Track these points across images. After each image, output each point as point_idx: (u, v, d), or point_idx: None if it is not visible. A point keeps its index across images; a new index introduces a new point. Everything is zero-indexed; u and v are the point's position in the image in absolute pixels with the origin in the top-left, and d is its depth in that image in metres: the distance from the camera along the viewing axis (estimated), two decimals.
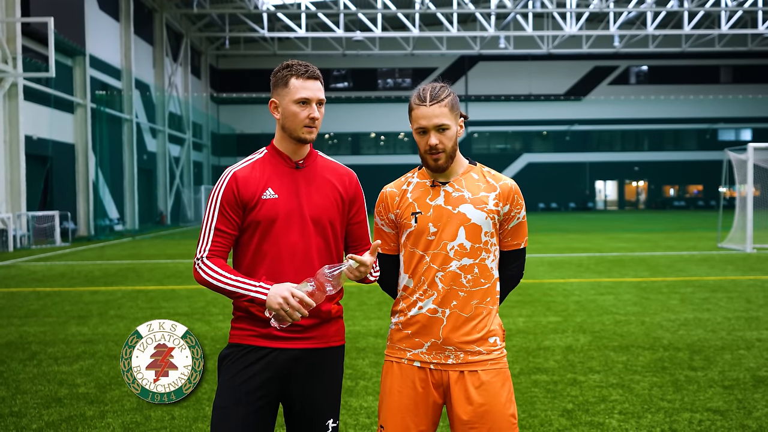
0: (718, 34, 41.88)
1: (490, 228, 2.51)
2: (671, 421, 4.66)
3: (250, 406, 2.47)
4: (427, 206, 2.52)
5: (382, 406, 2.56)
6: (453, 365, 2.48)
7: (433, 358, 2.49)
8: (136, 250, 19.22)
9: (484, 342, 2.49)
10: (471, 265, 2.48)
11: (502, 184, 2.56)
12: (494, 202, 2.52)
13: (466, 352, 2.47)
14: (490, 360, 2.49)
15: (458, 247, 2.47)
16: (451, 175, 2.56)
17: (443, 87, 2.51)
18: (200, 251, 2.52)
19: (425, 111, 2.47)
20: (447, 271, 2.47)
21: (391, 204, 2.60)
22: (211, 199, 2.56)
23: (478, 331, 2.49)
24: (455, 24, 37.81)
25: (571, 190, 50.56)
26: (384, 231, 2.65)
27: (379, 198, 2.66)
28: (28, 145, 21.87)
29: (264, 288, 2.42)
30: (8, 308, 9.40)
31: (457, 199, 2.51)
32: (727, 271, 12.96)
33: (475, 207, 2.50)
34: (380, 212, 2.64)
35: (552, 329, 7.59)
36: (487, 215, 2.50)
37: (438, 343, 2.48)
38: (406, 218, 2.54)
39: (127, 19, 30.55)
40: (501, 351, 2.53)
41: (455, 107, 2.51)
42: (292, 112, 2.54)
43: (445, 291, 2.47)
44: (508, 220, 2.56)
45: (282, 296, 2.36)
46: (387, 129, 50.02)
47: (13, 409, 5.01)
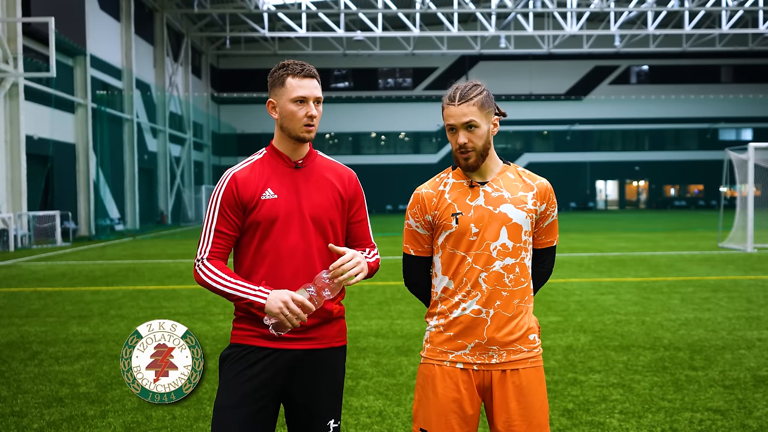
0: (719, 34, 41.85)
1: (529, 227, 2.53)
2: (672, 420, 4.66)
3: (252, 406, 2.47)
4: (468, 207, 2.51)
5: (422, 409, 2.53)
6: (497, 365, 2.49)
7: (477, 359, 2.49)
8: (137, 250, 19.23)
9: (525, 340, 2.52)
10: (513, 264, 2.49)
11: (539, 183, 2.59)
12: (533, 202, 2.54)
13: (509, 350, 2.49)
14: (530, 358, 2.52)
15: (501, 247, 2.48)
16: (488, 174, 2.56)
17: (475, 86, 2.51)
18: (200, 253, 2.53)
19: (453, 110, 2.48)
20: (491, 271, 2.47)
21: (429, 205, 2.56)
22: (211, 201, 2.57)
23: (520, 329, 2.51)
24: (456, 24, 37.81)
25: (572, 190, 50.56)
26: (418, 233, 2.61)
27: (413, 199, 2.62)
28: (29, 145, 21.88)
29: (263, 292, 2.42)
30: (9, 308, 9.41)
31: (497, 199, 2.51)
32: (728, 270, 12.96)
33: (516, 207, 2.51)
34: (415, 214, 2.59)
35: (552, 329, 7.59)
36: (527, 215, 2.51)
37: (482, 344, 2.48)
38: (445, 219, 2.52)
39: (128, 19, 30.56)
40: (539, 348, 2.56)
41: (486, 105, 2.50)
42: (290, 111, 2.54)
43: (489, 291, 2.47)
44: (543, 219, 2.58)
45: (282, 300, 2.37)
46: (387, 129, 50.02)
47: (15, 408, 5.01)
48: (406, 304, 9.25)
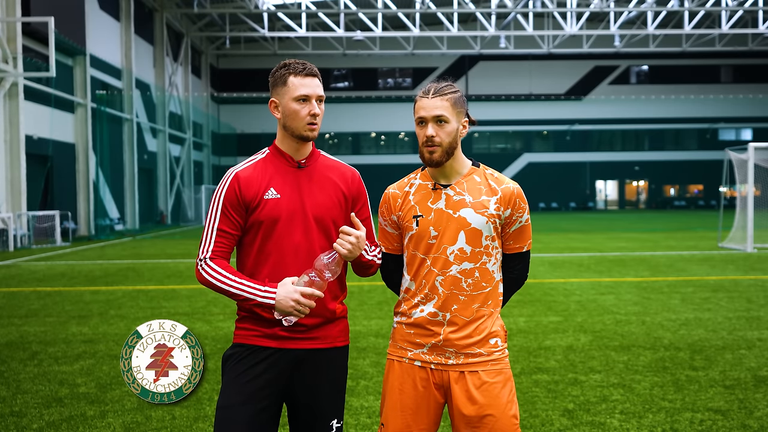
0: (719, 34, 41.85)
1: (491, 232, 2.50)
2: (672, 421, 4.66)
3: (255, 405, 2.47)
4: (429, 209, 2.51)
5: (383, 404, 2.56)
6: (453, 366, 2.48)
7: (434, 359, 2.49)
8: (137, 250, 19.22)
9: (484, 343, 2.49)
10: (471, 269, 2.47)
11: (504, 187, 2.54)
12: (495, 207, 2.50)
13: (466, 354, 2.47)
14: (490, 360, 2.49)
15: (458, 252, 2.47)
16: (452, 177, 2.55)
17: (449, 84, 2.52)
18: (203, 252, 2.52)
19: (426, 102, 2.48)
20: (447, 275, 2.47)
21: (394, 205, 2.60)
22: (213, 200, 2.56)
23: (479, 333, 2.48)
24: (455, 24, 37.81)
25: (572, 190, 50.55)
26: (387, 231, 2.66)
27: (382, 198, 2.66)
28: (29, 145, 21.86)
29: (270, 292, 2.42)
30: (9, 308, 9.40)
31: (457, 202, 2.50)
32: (728, 270, 12.95)
33: (476, 211, 2.48)
34: (383, 213, 2.64)
35: (553, 329, 7.59)
36: (487, 219, 2.48)
37: (438, 345, 2.48)
38: (407, 221, 2.54)
39: (128, 19, 30.55)
40: (502, 351, 2.52)
41: (458, 104, 2.51)
42: (293, 110, 2.53)
43: (445, 295, 2.47)
44: (509, 224, 2.54)
45: (293, 299, 2.39)
46: (387, 129, 50.02)
47: (14, 408, 5.01)
48: None
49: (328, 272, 2.44)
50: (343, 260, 2.50)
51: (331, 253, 2.47)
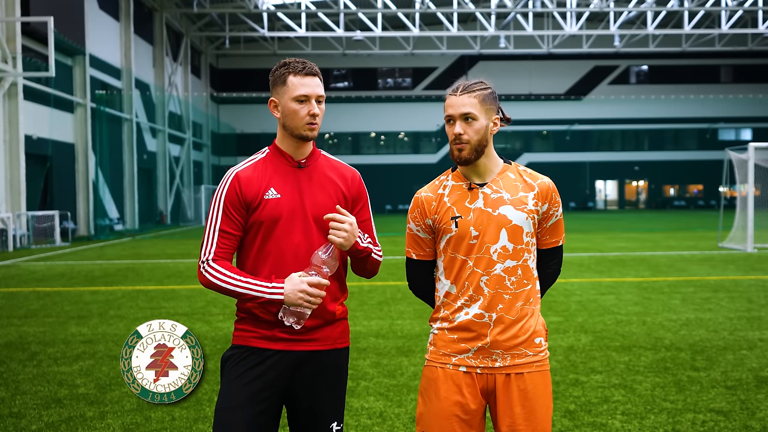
0: (719, 34, 41.86)
1: (530, 228, 2.48)
2: (674, 422, 4.64)
3: (254, 407, 2.45)
4: (467, 210, 2.47)
5: (425, 412, 2.50)
6: (500, 368, 2.45)
7: (480, 362, 2.45)
8: (136, 250, 19.20)
9: (530, 344, 2.47)
10: (515, 267, 2.45)
11: (540, 182, 2.52)
12: (533, 202, 2.48)
13: (513, 354, 2.45)
14: (536, 362, 2.47)
15: (501, 250, 2.44)
16: (487, 175, 2.52)
17: (479, 82, 2.50)
18: (205, 254, 2.49)
19: (454, 100, 2.46)
20: (492, 274, 2.44)
21: (428, 209, 2.53)
22: (214, 201, 2.54)
23: (525, 332, 2.46)
24: (455, 23, 37.80)
25: (572, 190, 50.56)
26: (419, 237, 2.58)
27: (413, 203, 2.60)
28: (28, 145, 21.85)
29: (278, 288, 2.40)
30: (8, 308, 9.38)
31: (496, 200, 2.47)
32: (729, 270, 12.94)
33: (515, 208, 2.46)
34: (416, 218, 2.57)
35: (553, 329, 7.57)
36: (527, 216, 2.46)
37: (485, 348, 2.44)
38: (445, 223, 2.49)
39: (127, 19, 30.53)
40: (545, 352, 2.51)
41: (487, 101, 2.48)
42: (292, 110, 2.51)
43: (491, 295, 2.44)
44: (546, 219, 2.52)
45: (300, 290, 2.38)
46: (387, 128, 50.02)
47: (13, 409, 4.99)
48: (407, 304, 9.22)
49: (326, 267, 2.43)
50: (340, 252, 2.47)
51: (326, 246, 2.45)
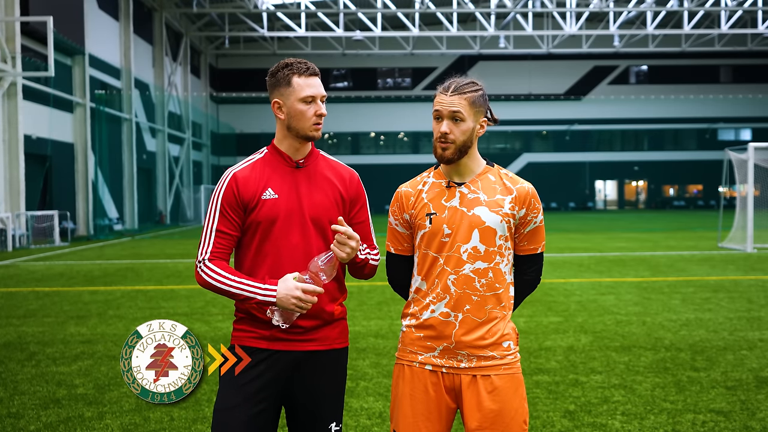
0: (718, 34, 41.86)
1: (504, 232, 2.46)
2: (674, 422, 4.63)
3: (253, 408, 2.44)
4: (442, 207, 2.47)
5: (394, 410, 2.51)
6: (465, 369, 2.43)
7: (446, 362, 2.45)
8: (136, 250, 19.19)
9: (497, 346, 2.45)
10: (485, 269, 2.43)
11: (519, 187, 2.51)
12: (510, 206, 2.47)
13: (479, 356, 2.43)
14: (503, 365, 2.45)
15: (472, 250, 2.42)
16: (467, 175, 2.51)
17: (472, 83, 2.48)
18: (202, 253, 2.50)
19: (444, 98, 2.45)
20: (460, 274, 2.43)
21: (406, 204, 2.54)
22: (211, 201, 2.54)
23: (492, 335, 2.44)
24: (455, 23, 37.78)
25: (571, 190, 50.56)
26: (398, 231, 2.59)
27: (393, 197, 2.61)
28: (28, 145, 21.83)
29: (271, 290, 2.40)
30: (7, 308, 9.36)
31: (472, 200, 2.46)
32: (728, 271, 12.93)
33: (491, 210, 2.45)
34: (394, 212, 2.59)
35: (553, 329, 7.56)
36: (502, 218, 2.45)
37: (450, 347, 2.43)
38: (420, 219, 2.49)
39: (127, 19, 30.52)
40: (514, 356, 2.48)
41: (477, 104, 2.46)
42: (300, 111, 2.51)
43: (458, 294, 2.43)
44: (524, 224, 2.51)
45: (294, 296, 2.37)
46: (387, 129, 50.02)
47: (11, 410, 4.97)
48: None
49: (323, 274, 2.42)
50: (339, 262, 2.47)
51: (326, 254, 2.44)
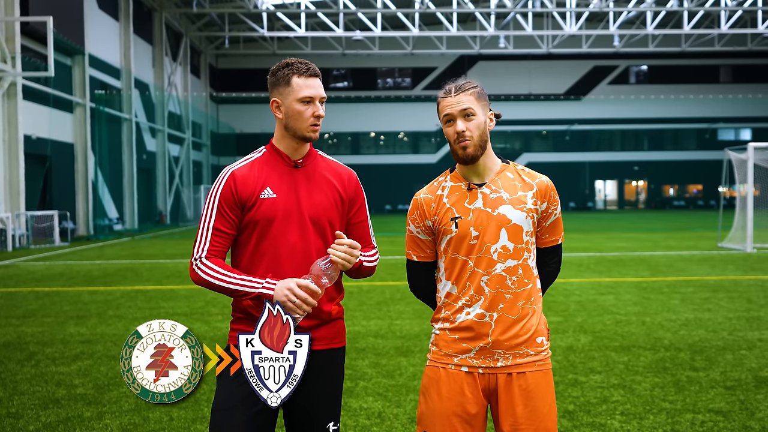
0: (718, 34, 41.87)
1: (530, 227, 2.48)
2: (673, 422, 4.63)
3: (251, 408, 2.44)
4: (467, 210, 2.47)
5: (427, 412, 2.50)
6: (502, 368, 2.45)
7: (482, 362, 2.45)
8: (136, 250, 19.19)
9: (532, 343, 2.47)
10: (515, 266, 2.45)
11: (539, 181, 2.52)
12: (533, 201, 2.49)
13: (514, 354, 2.45)
14: (537, 361, 2.47)
15: (501, 250, 2.44)
16: (486, 175, 2.52)
17: (469, 81, 2.50)
18: (198, 251, 2.50)
19: (450, 100, 2.45)
20: (492, 274, 2.44)
21: (428, 211, 2.53)
22: (208, 199, 2.54)
23: (526, 331, 2.46)
24: (455, 23, 37.78)
25: (571, 190, 50.56)
26: (420, 239, 2.58)
27: (412, 205, 2.59)
28: (27, 145, 21.83)
29: (270, 284, 2.40)
30: (6, 308, 9.37)
31: (495, 200, 2.47)
32: (728, 270, 12.94)
33: (515, 207, 2.46)
34: (415, 220, 2.57)
35: (553, 329, 7.56)
36: (526, 215, 2.46)
37: (487, 347, 2.44)
38: (445, 224, 2.49)
39: (127, 19, 30.52)
40: (547, 351, 2.51)
41: (482, 97, 2.48)
42: (297, 111, 2.51)
43: (492, 295, 2.43)
44: (546, 217, 2.52)
45: (287, 288, 2.36)
46: (387, 128, 50.01)
47: (11, 410, 4.98)
48: (406, 304, 9.22)
49: (326, 278, 2.42)
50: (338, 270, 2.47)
51: (327, 258, 2.44)
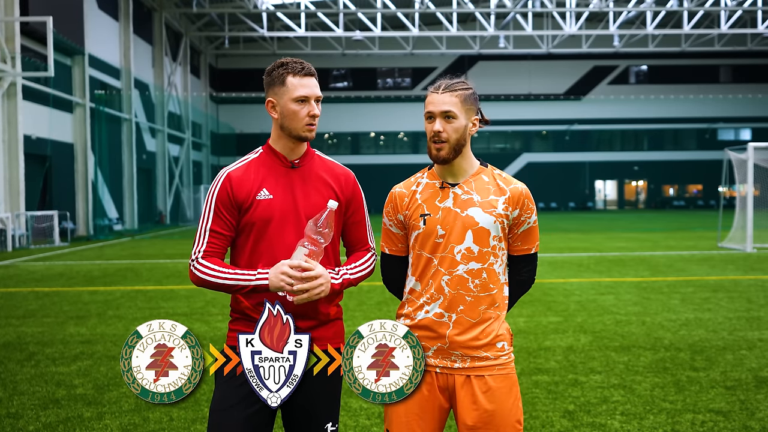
0: (718, 34, 41.85)
1: (498, 232, 2.47)
2: (673, 422, 4.63)
3: (248, 409, 2.44)
4: (436, 208, 2.47)
5: (387, 410, 2.52)
6: (459, 369, 2.44)
7: (439, 362, 2.45)
8: (135, 250, 19.19)
9: (491, 347, 2.45)
10: (479, 269, 2.44)
11: (513, 188, 2.51)
12: (504, 206, 2.47)
13: (472, 357, 2.43)
14: (497, 365, 2.45)
15: (465, 251, 2.43)
16: (461, 176, 2.51)
17: (461, 81, 2.49)
18: (195, 252, 2.51)
19: (435, 97, 2.45)
20: (454, 275, 2.43)
21: (400, 205, 2.55)
22: (206, 201, 2.55)
23: (486, 335, 2.45)
24: (455, 23, 37.78)
25: (571, 190, 50.55)
26: (392, 231, 2.60)
27: (388, 198, 2.61)
28: (27, 145, 21.83)
29: (262, 274, 2.41)
30: (6, 308, 9.36)
31: (465, 201, 2.46)
32: (728, 270, 12.93)
33: (484, 211, 2.45)
34: (389, 212, 2.59)
35: (553, 329, 7.56)
36: (495, 219, 2.45)
37: (444, 348, 2.44)
38: (414, 220, 2.50)
39: (127, 19, 30.51)
40: (508, 356, 2.49)
41: (468, 102, 2.47)
42: (292, 111, 2.51)
43: (451, 295, 2.43)
44: (517, 225, 2.51)
45: (280, 272, 2.37)
46: (386, 129, 50.01)
47: (10, 410, 4.97)
48: None
49: (322, 238, 2.41)
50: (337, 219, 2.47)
51: (320, 215, 2.44)
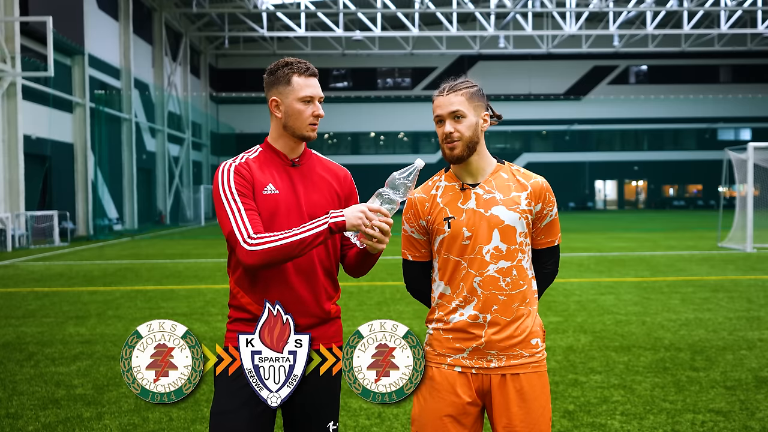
0: (718, 34, 41.87)
1: (524, 228, 2.46)
2: (674, 422, 4.63)
3: (250, 410, 2.43)
4: (460, 210, 2.46)
5: (420, 412, 2.49)
6: (495, 369, 2.43)
7: (475, 363, 2.44)
8: (135, 250, 19.19)
9: (526, 345, 2.45)
10: (509, 267, 2.43)
11: (533, 182, 2.51)
12: (526, 202, 2.47)
13: (508, 355, 2.43)
14: (531, 363, 2.45)
15: (494, 251, 2.42)
16: (479, 175, 2.50)
17: (465, 81, 2.48)
18: (242, 236, 2.37)
19: (441, 100, 2.45)
20: (485, 275, 2.42)
21: (422, 210, 2.53)
22: (223, 193, 2.45)
23: (521, 333, 2.44)
24: (455, 23, 37.78)
25: (571, 190, 50.55)
26: (414, 238, 2.57)
27: (406, 204, 2.58)
28: (27, 145, 21.83)
29: (336, 213, 2.38)
30: (6, 308, 9.36)
31: (488, 201, 2.45)
32: (728, 270, 12.93)
33: (508, 208, 2.44)
34: (409, 219, 2.56)
35: (553, 329, 7.56)
36: (520, 215, 2.45)
37: (480, 348, 2.43)
38: (438, 224, 2.48)
39: (126, 19, 30.52)
40: (542, 353, 2.49)
41: (475, 98, 2.46)
42: (297, 111, 2.51)
43: (485, 296, 2.42)
44: (540, 219, 2.51)
45: (359, 210, 2.35)
46: (386, 128, 50.01)
47: (10, 410, 4.97)
48: (405, 304, 9.21)
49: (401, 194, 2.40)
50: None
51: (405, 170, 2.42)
